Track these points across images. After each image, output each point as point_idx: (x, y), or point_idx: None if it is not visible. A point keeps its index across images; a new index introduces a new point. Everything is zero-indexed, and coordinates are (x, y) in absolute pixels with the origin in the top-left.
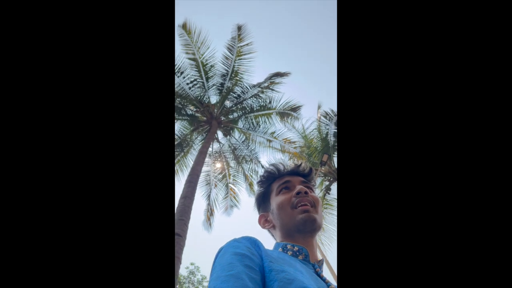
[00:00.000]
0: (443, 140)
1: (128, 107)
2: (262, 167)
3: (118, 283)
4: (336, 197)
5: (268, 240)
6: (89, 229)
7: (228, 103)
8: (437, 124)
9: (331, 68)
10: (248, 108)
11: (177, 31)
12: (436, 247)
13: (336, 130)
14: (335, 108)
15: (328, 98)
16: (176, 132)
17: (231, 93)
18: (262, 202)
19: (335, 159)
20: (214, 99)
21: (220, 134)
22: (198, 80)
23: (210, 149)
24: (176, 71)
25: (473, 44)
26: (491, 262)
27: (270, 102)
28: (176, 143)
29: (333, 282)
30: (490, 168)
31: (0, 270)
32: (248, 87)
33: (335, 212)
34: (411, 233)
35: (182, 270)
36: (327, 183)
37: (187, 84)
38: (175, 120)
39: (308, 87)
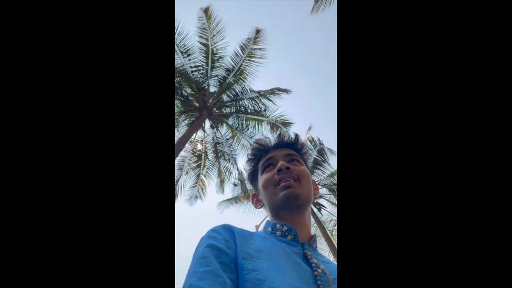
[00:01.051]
0: (443, 146)
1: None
2: (237, 169)
3: (115, 278)
4: None
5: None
6: (86, 227)
7: (224, 97)
8: (437, 132)
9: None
10: (242, 108)
11: (198, 13)
12: (437, 248)
13: (316, 157)
14: (324, 134)
15: (322, 122)
16: None
17: (231, 89)
18: (253, 181)
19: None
20: (212, 89)
21: (207, 124)
22: (203, 66)
23: (193, 136)
24: (184, 51)
25: (473, 44)
26: (491, 262)
27: (265, 110)
28: None
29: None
30: (490, 168)
31: (0, 270)
32: (248, 90)
33: None
34: (411, 235)
35: None
36: None
37: (191, 67)
38: None
39: (307, 106)
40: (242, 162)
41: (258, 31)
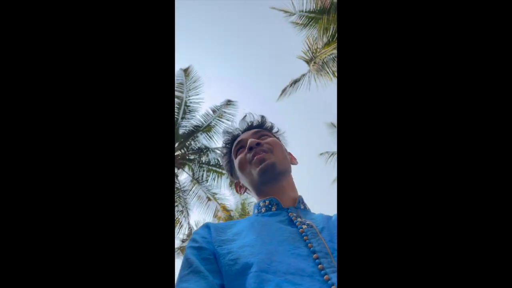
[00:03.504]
0: (443, 148)
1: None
2: (188, 224)
3: (115, 280)
4: None
5: None
6: (86, 230)
7: (190, 146)
8: (438, 134)
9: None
10: (205, 160)
11: (177, 72)
12: (437, 250)
13: None
14: None
15: None
16: None
17: (196, 142)
18: (231, 171)
19: None
20: (179, 139)
21: None
22: (175, 116)
23: None
24: None
25: (474, 44)
26: (491, 262)
27: None
28: None
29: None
30: (490, 168)
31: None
32: (211, 148)
33: None
34: (411, 236)
35: None
36: None
37: None
38: None
39: None
40: (194, 217)
41: (229, 101)
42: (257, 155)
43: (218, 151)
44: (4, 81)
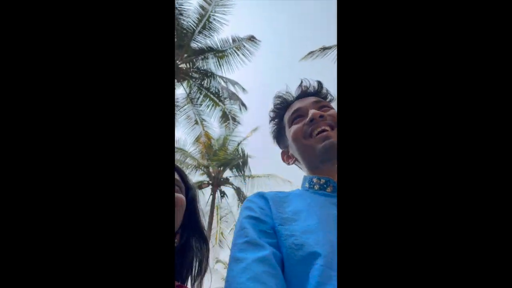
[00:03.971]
0: (443, 144)
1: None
2: None
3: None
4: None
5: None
6: (84, 226)
7: (196, 63)
8: (438, 133)
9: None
10: (206, 84)
11: None
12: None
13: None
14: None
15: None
16: None
17: (205, 62)
18: (280, 138)
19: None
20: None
21: None
22: (192, 27)
23: None
24: (178, 7)
25: (474, 44)
26: (491, 262)
27: (225, 99)
28: None
29: None
30: (490, 168)
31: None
32: (217, 75)
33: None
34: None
35: None
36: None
37: (177, 25)
38: None
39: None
40: (177, 135)
41: (252, 37)
42: (320, 129)
43: (222, 82)
44: (4, 81)
